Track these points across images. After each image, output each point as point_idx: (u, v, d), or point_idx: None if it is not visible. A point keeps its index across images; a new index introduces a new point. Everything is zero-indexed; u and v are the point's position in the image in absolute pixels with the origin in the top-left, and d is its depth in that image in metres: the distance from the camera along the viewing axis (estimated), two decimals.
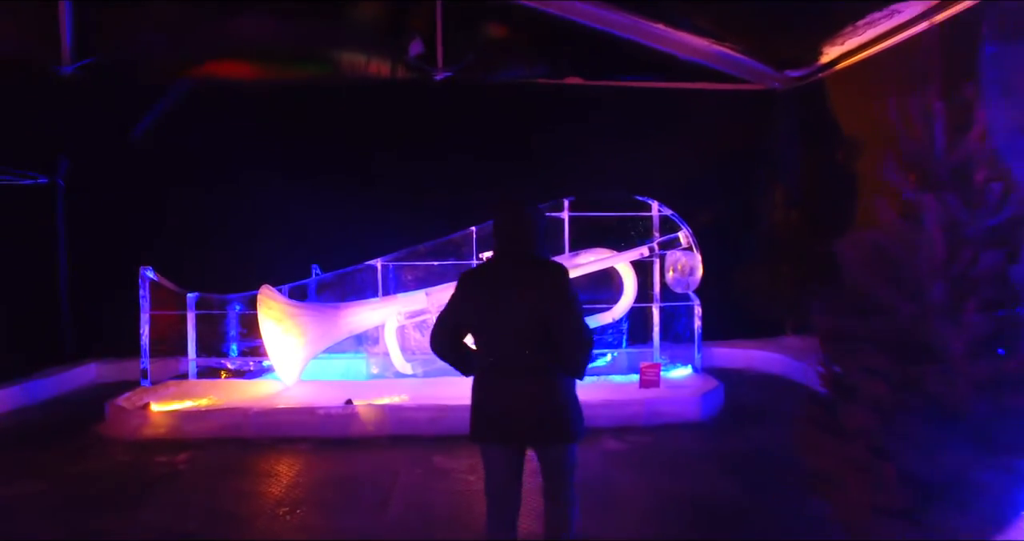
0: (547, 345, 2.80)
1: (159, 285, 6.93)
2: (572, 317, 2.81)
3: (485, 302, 2.87)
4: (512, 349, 2.82)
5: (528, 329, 2.80)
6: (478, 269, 3.10)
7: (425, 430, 5.86)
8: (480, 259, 6.83)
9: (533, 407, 2.82)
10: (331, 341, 6.78)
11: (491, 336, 2.89)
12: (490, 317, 2.86)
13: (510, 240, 2.93)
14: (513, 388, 2.83)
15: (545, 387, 2.83)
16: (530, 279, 2.85)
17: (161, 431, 5.69)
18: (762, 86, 9.63)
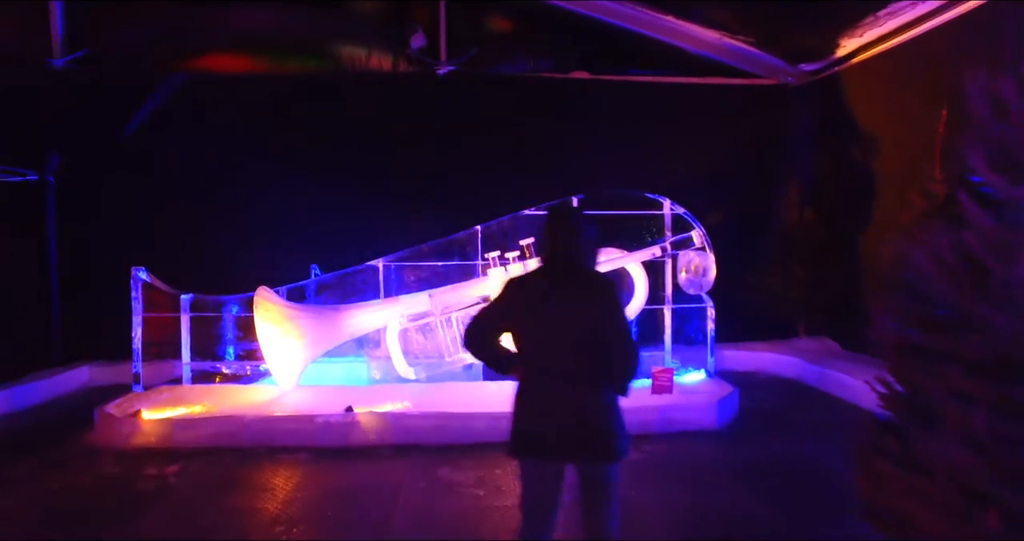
0: (593, 358, 2.70)
1: (152, 286, 6.67)
2: (621, 331, 2.71)
3: (531, 311, 2.76)
4: (557, 361, 2.73)
5: (575, 341, 2.70)
6: (524, 276, 2.93)
7: (429, 439, 5.61)
8: (485, 259, 6.55)
9: (578, 423, 2.71)
10: (331, 345, 6.53)
11: (536, 346, 2.78)
12: (536, 326, 2.76)
13: (560, 247, 2.80)
14: (558, 403, 2.72)
15: (591, 403, 2.72)
16: (579, 290, 2.74)
17: (152, 440, 5.43)
18: (775, 81, 9.34)
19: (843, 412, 6.48)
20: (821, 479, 4.77)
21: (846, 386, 6.93)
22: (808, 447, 5.44)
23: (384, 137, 8.70)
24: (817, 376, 7.60)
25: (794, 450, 5.39)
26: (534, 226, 6.94)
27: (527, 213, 6.96)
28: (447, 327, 6.51)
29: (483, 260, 6.74)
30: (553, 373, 2.72)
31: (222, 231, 8.34)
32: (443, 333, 6.52)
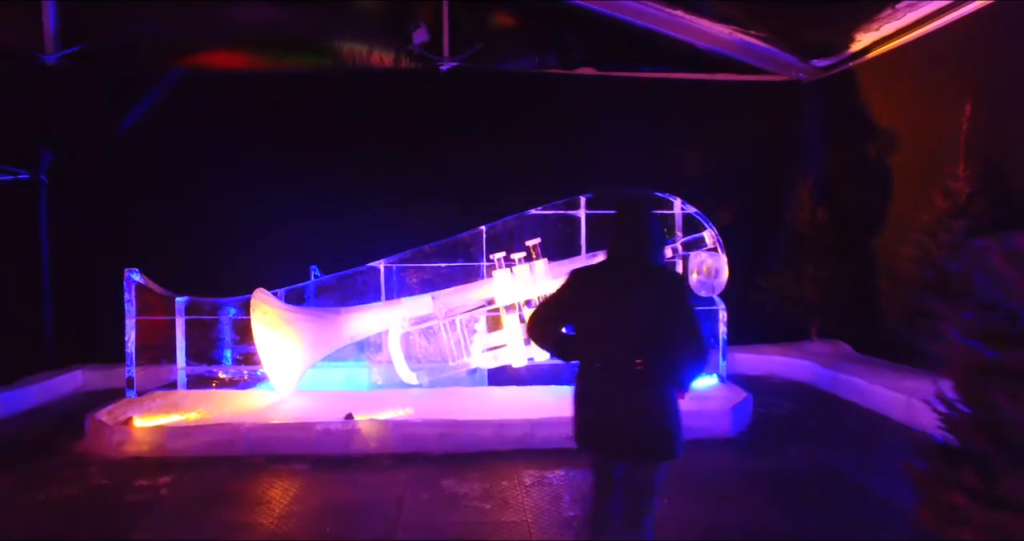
0: (656, 353, 2.68)
1: (146, 288, 6.46)
2: (690, 327, 2.68)
3: (596, 303, 2.76)
4: (621, 355, 2.70)
5: (640, 336, 2.69)
6: (590, 268, 2.93)
7: (432, 448, 5.40)
8: (490, 260, 6.33)
9: (635, 420, 2.70)
10: (330, 349, 6.31)
11: (599, 339, 2.75)
12: (600, 319, 2.74)
13: (628, 242, 2.79)
14: (618, 397, 2.71)
15: (651, 400, 2.70)
16: (647, 285, 2.74)
17: (144, 449, 5.21)
18: (786, 77, 9.14)
19: (861, 418, 6.26)
20: (846, 491, 4.55)
21: (862, 391, 6.70)
22: (828, 456, 5.21)
23: (386, 135, 8.50)
24: (831, 380, 7.37)
25: (814, 459, 5.17)
26: (540, 226, 6.74)
27: (533, 213, 6.75)
28: (451, 330, 6.29)
29: (488, 261, 6.52)
30: (613, 366, 2.70)
31: (219, 231, 8.16)
32: (447, 337, 6.30)
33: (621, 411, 2.69)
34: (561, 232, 6.78)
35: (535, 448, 5.42)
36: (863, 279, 7.97)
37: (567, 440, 5.51)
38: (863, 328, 8.06)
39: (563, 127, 8.58)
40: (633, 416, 2.68)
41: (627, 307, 2.71)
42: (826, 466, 5.02)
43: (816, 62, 8.72)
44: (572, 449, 5.40)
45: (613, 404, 2.70)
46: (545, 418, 5.54)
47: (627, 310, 2.71)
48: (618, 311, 2.71)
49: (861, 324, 8.07)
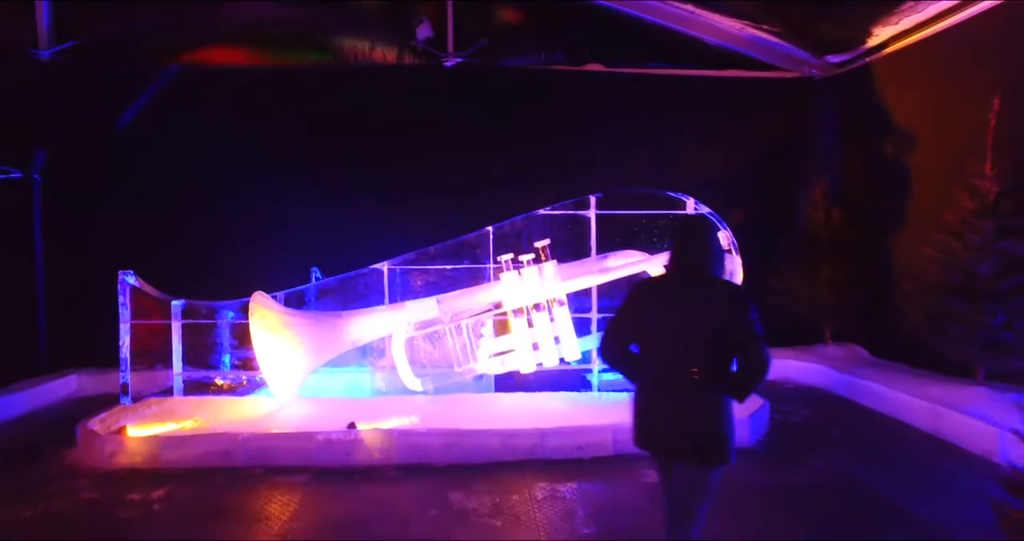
0: (715, 363, 2.78)
1: (141, 291, 6.24)
2: (752, 338, 2.73)
3: (659, 314, 2.88)
4: (680, 363, 2.80)
5: (701, 345, 2.78)
6: (652, 281, 3.07)
7: (438, 458, 5.18)
8: (497, 262, 6.10)
9: (690, 426, 2.80)
10: (332, 354, 6.08)
11: (661, 348, 2.87)
12: (662, 330, 2.86)
13: (690, 256, 2.92)
14: (676, 403, 2.81)
15: (707, 406, 2.79)
16: (707, 296, 2.83)
17: (137, 460, 4.99)
18: (798, 74, 8.90)
19: (883, 427, 6.02)
20: (877, 508, 4.32)
21: (882, 397, 6.46)
22: (854, 468, 4.98)
23: (389, 133, 8.30)
24: (848, 385, 7.14)
25: (839, 472, 4.94)
26: (549, 226, 6.51)
27: (542, 213, 6.52)
28: (456, 335, 6.06)
29: (495, 263, 6.30)
30: (672, 374, 2.81)
31: (218, 232, 7.95)
32: (452, 341, 6.07)
33: (676, 416, 2.80)
34: (571, 233, 6.56)
35: (545, 458, 5.22)
36: (880, 281, 7.74)
37: (578, 450, 5.39)
38: (879, 331, 7.82)
39: (571, 125, 8.37)
40: (686, 421, 2.79)
41: (687, 318, 2.81)
42: (852, 479, 4.79)
43: (830, 58, 8.49)
44: (584, 460, 5.30)
45: (669, 409, 2.82)
46: (555, 428, 5.33)
47: (686, 320, 2.80)
48: (678, 321, 2.82)
49: (877, 327, 7.84)
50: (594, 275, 6.18)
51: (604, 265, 6.29)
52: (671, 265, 2.96)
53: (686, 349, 2.78)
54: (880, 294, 7.71)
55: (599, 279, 6.21)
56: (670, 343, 2.82)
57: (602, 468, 5.06)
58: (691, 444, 2.79)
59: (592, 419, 5.54)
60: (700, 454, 2.79)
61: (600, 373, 6.67)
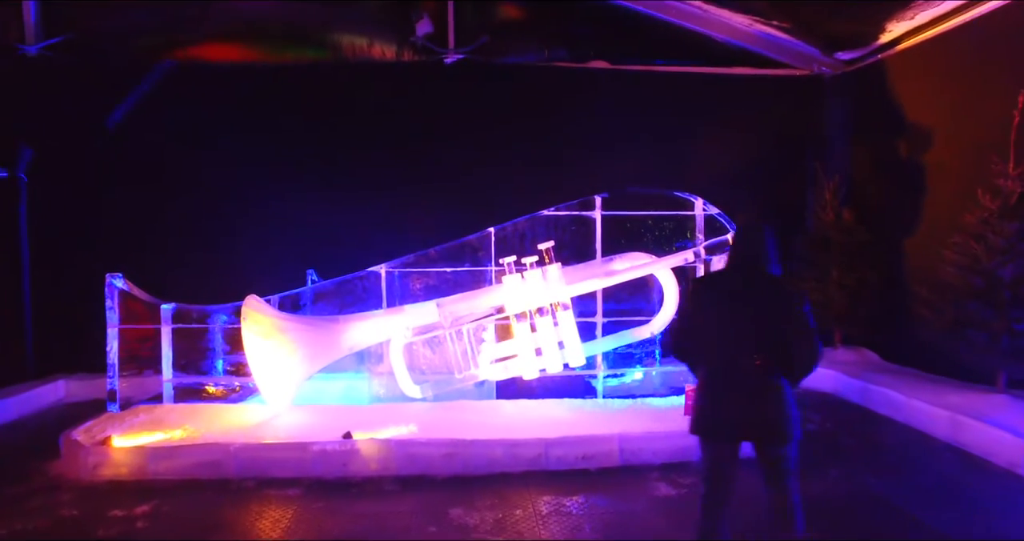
0: (773, 352, 3.03)
1: (130, 295, 6.02)
2: (806, 330, 3.02)
3: (723, 310, 3.13)
4: (742, 353, 3.05)
5: (759, 336, 3.05)
6: (711, 277, 3.46)
7: (438, 469, 4.96)
8: (499, 265, 5.87)
9: (756, 410, 3.04)
10: (328, 360, 5.87)
11: (723, 340, 3.12)
12: (727, 324, 3.12)
13: (749, 255, 3.16)
14: (740, 390, 3.06)
15: (772, 390, 3.04)
16: (765, 291, 3.10)
17: (123, 472, 4.77)
18: (807, 71, 8.70)
19: (900, 436, 5.80)
20: (900, 524, 4.10)
21: (898, 405, 6.24)
22: (873, 480, 4.76)
23: (388, 132, 8.10)
24: (861, 392, 6.91)
25: (857, 484, 4.72)
26: (553, 228, 6.30)
27: (545, 214, 6.31)
28: (457, 340, 5.85)
29: (497, 266, 6.08)
30: (736, 363, 3.06)
31: (211, 233, 7.75)
32: (453, 347, 5.85)
33: (746, 402, 3.04)
34: (575, 234, 6.34)
35: (550, 470, 5.00)
36: (893, 284, 7.52)
37: (583, 460, 5.17)
38: (892, 336, 7.61)
39: (575, 123, 8.16)
40: (756, 406, 3.04)
41: (749, 312, 3.08)
42: (872, 493, 4.57)
43: (840, 55, 8.28)
44: (590, 471, 5.08)
45: (738, 396, 3.05)
46: (560, 437, 5.12)
47: (748, 314, 3.08)
48: (740, 315, 3.09)
49: (890, 332, 7.62)
50: (599, 278, 5.97)
51: (610, 268, 6.08)
52: (732, 263, 3.22)
53: (749, 340, 3.05)
54: (893, 297, 7.50)
55: (605, 282, 6.00)
56: (734, 335, 3.09)
57: (609, 480, 4.84)
58: (763, 426, 3.05)
59: (598, 428, 5.34)
60: (773, 434, 3.06)
61: (605, 379, 6.46)
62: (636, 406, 6.05)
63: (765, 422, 3.03)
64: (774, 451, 3.09)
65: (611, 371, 6.57)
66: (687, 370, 3.32)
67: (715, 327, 3.14)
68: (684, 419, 5.67)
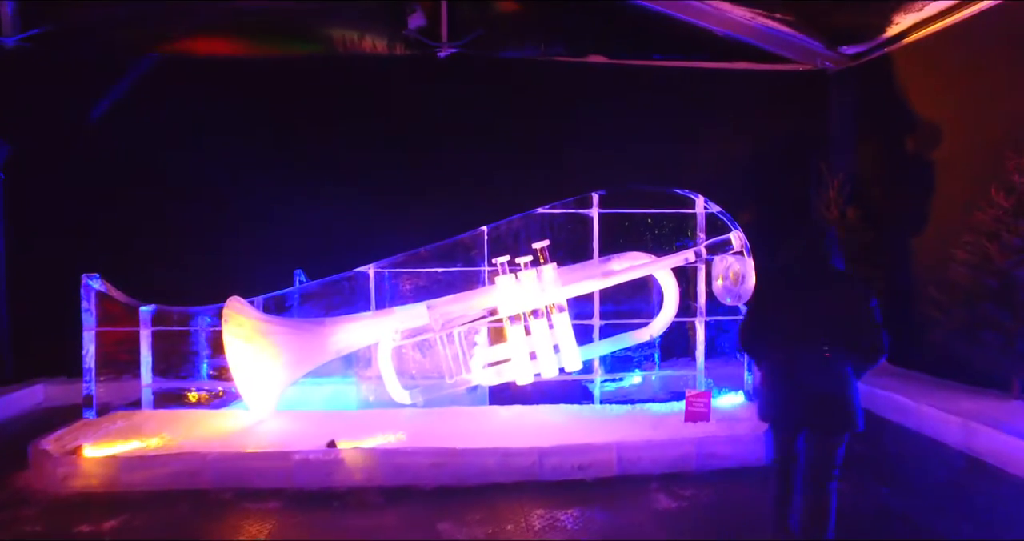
0: (839, 343, 3.16)
1: (108, 296, 5.77)
2: (871, 323, 3.14)
3: (795, 305, 3.27)
4: (813, 346, 3.18)
5: (826, 329, 3.18)
6: (776, 273, 3.48)
7: (426, 480, 4.73)
8: (492, 265, 5.62)
9: (822, 399, 3.17)
10: (313, 364, 5.63)
11: (796, 334, 3.25)
12: (798, 317, 3.24)
13: (817, 254, 3.28)
14: (808, 379, 3.19)
15: (838, 381, 3.17)
16: (830, 286, 3.24)
17: (93, 483, 4.53)
18: (809, 66, 8.48)
19: (908, 442, 5.57)
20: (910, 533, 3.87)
21: (906, 410, 6.01)
22: (885, 492, 4.53)
23: (379, 127, 7.85)
24: (867, 396, 6.64)
25: (869, 495, 4.49)
26: (548, 226, 6.07)
27: (540, 212, 6.06)
28: (448, 344, 5.60)
29: (490, 266, 5.84)
30: (804, 354, 3.20)
31: (196, 233, 7.51)
32: (444, 350, 5.61)
33: (810, 391, 3.18)
34: (572, 233, 6.11)
35: (544, 480, 4.78)
36: (900, 285, 7.29)
37: (579, 470, 4.94)
38: (899, 338, 7.33)
39: (572, 119, 7.93)
40: (821, 395, 3.17)
41: (816, 305, 3.22)
42: (885, 505, 4.34)
43: (845, 49, 8.05)
44: (586, 481, 4.84)
45: (804, 385, 3.20)
46: (554, 446, 4.89)
47: (816, 307, 3.22)
48: (808, 308, 3.23)
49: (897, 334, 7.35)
50: (597, 279, 5.72)
51: (607, 268, 5.83)
52: (801, 261, 3.32)
53: (818, 333, 3.18)
54: (900, 299, 7.26)
55: (602, 283, 5.75)
56: (805, 329, 3.22)
57: (606, 491, 4.62)
58: (829, 414, 3.17)
59: (594, 435, 5.10)
60: (835, 422, 3.18)
61: (603, 383, 6.22)
62: (635, 412, 5.81)
63: (831, 411, 3.17)
64: (831, 440, 3.22)
65: (609, 375, 6.34)
66: (752, 361, 3.61)
67: (784, 320, 3.29)
68: (685, 426, 5.46)
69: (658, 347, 6.48)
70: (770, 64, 8.45)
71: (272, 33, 7.91)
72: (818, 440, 3.22)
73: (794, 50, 8.35)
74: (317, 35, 7.95)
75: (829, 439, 3.20)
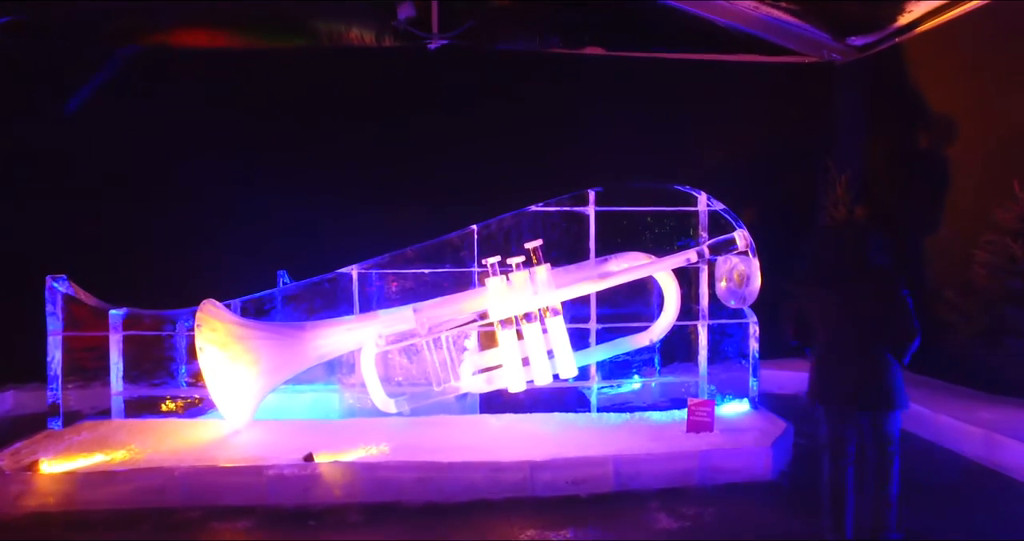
0: (882, 333, 3.53)
1: (76, 299, 5.46)
2: (905, 313, 3.51)
3: (840, 297, 3.59)
4: (854, 333, 3.55)
5: (868, 319, 3.53)
6: (820, 269, 3.79)
7: (410, 496, 4.44)
8: (482, 265, 5.30)
9: (868, 381, 3.50)
10: (292, 371, 5.32)
11: (837, 323, 3.60)
12: (844, 308, 3.58)
13: (858, 252, 3.60)
14: (853, 364, 3.53)
15: (882, 364, 3.51)
16: (870, 280, 3.57)
17: (49, 501, 4.21)
18: (815, 58, 8.18)
19: (924, 454, 5.23)
20: None
21: (921, 420, 5.66)
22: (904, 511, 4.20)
23: (364, 122, 7.56)
24: None
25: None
26: (542, 225, 5.76)
27: (533, 209, 5.75)
28: (436, 349, 5.28)
29: (480, 267, 5.53)
30: (851, 343, 3.56)
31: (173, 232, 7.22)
32: (431, 356, 5.28)
33: (860, 374, 3.52)
34: (567, 232, 5.79)
35: (536, 496, 4.47)
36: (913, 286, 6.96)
37: (573, 486, 4.63)
38: None
39: (568, 113, 7.67)
40: (869, 376, 3.51)
41: (861, 298, 3.57)
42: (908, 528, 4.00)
43: (852, 40, 7.75)
44: (580, 498, 4.52)
45: (854, 369, 3.54)
46: (547, 459, 4.58)
47: (861, 300, 3.56)
48: (852, 300, 3.58)
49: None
50: (593, 281, 5.39)
51: (605, 269, 5.51)
52: (844, 257, 3.63)
53: (859, 321, 3.54)
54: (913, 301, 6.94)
55: (599, 285, 5.42)
56: (851, 318, 3.57)
57: (602, 509, 4.31)
58: (875, 394, 3.50)
59: (590, 448, 4.79)
60: (884, 400, 3.51)
61: (599, 390, 5.90)
62: (633, 421, 5.50)
63: (877, 390, 3.49)
64: (883, 419, 3.54)
65: (606, 382, 6.03)
66: (801, 348, 3.85)
67: (830, 311, 3.64)
68: (687, 437, 5.14)
69: (658, 352, 6.18)
70: (774, 56, 8.17)
71: (255, 25, 7.61)
72: (875, 424, 3.56)
73: (799, 41, 8.06)
74: (302, 27, 7.67)
75: (884, 418, 3.54)
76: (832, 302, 3.61)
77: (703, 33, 8.02)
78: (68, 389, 5.42)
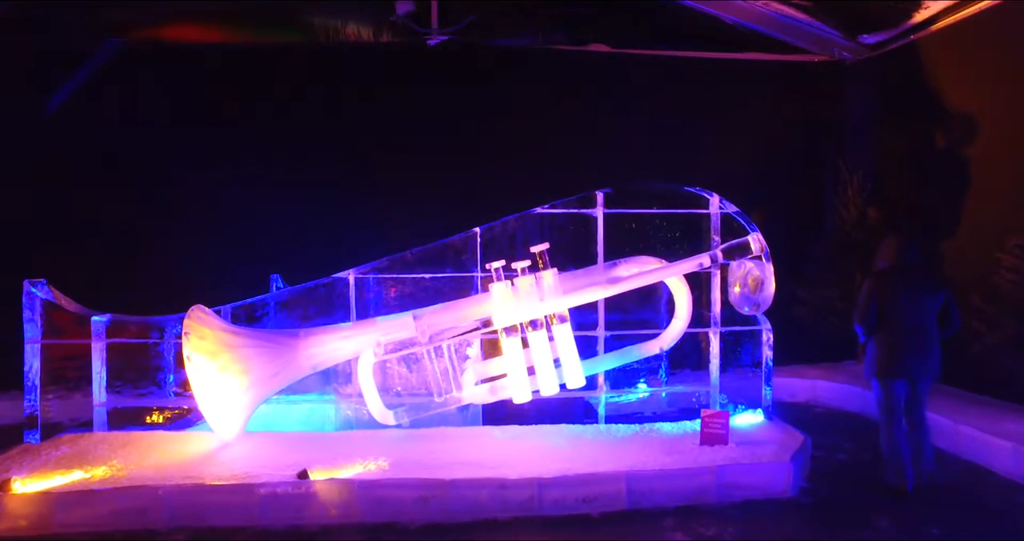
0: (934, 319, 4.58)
1: (56, 306, 5.18)
2: (951, 305, 4.57)
3: (899, 290, 4.55)
4: (914, 319, 4.54)
5: (926, 309, 4.55)
6: (891, 269, 4.64)
7: (411, 516, 4.18)
8: (486, 270, 5.05)
9: (930, 356, 4.56)
10: (285, 381, 5.05)
11: (901, 312, 4.54)
12: (903, 299, 4.54)
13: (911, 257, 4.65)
14: (913, 344, 4.54)
15: (935, 344, 4.57)
16: (927, 279, 4.60)
17: (21, 524, 3.93)
18: (825, 57, 7.98)
19: (948, 468, 4.98)
20: None
21: (941, 431, 5.42)
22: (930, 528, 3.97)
23: (362, 121, 7.32)
24: None
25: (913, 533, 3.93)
26: (548, 228, 5.53)
27: (539, 212, 5.51)
28: (437, 358, 5.02)
29: (483, 272, 5.27)
30: (913, 327, 4.53)
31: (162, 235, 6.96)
32: (432, 365, 5.03)
33: (920, 352, 4.52)
34: (574, 236, 5.55)
35: (544, 515, 4.22)
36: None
37: (584, 504, 4.37)
38: None
39: (573, 112, 7.46)
40: (926, 354, 4.53)
41: (919, 293, 4.54)
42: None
43: (864, 38, 7.53)
44: (591, 517, 4.25)
45: (915, 348, 4.52)
46: (556, 476, 4.32)
47: (916, 293, 4.53)
48: (911, 293, 4.53)
49: None
50: (602, 286, 5.14)
51: (613, 274, 5.26)
52: (897, 259, 4.64)
53: (920, 312, 4.52)
54: None
55: (608, 291, 5.16)
56: (911, 308, 4.52)
57: (615, 529, 4.08)
58: (927, 367, 4.51)
59: (600, 463, 4.54)
60: (931, 372, 4.54)
61: (607, 400, 5.65)
62: (644, 433, 5.25)
63: (928, 364, 4.51)
64: (926, 385, 4.60)
65: (614, 391, 5.78)
66: (862, 333, 4.67)
67: (896, 302, 4.52)
68: (701, 450, 4.89)
69: (665, 360, 5.95)
70: (783, 54, 7.97)
71: (247, 19, 7.38)
72: (922, 388, 4.59)
73: (809, 39, 7.84)
74: (297, 22, 7.43)
75: (926, 385, 4.59)
76: (901, 298, 4.52)
77: (709, 30, 7.81)
78: (47, 400, 5.14)
